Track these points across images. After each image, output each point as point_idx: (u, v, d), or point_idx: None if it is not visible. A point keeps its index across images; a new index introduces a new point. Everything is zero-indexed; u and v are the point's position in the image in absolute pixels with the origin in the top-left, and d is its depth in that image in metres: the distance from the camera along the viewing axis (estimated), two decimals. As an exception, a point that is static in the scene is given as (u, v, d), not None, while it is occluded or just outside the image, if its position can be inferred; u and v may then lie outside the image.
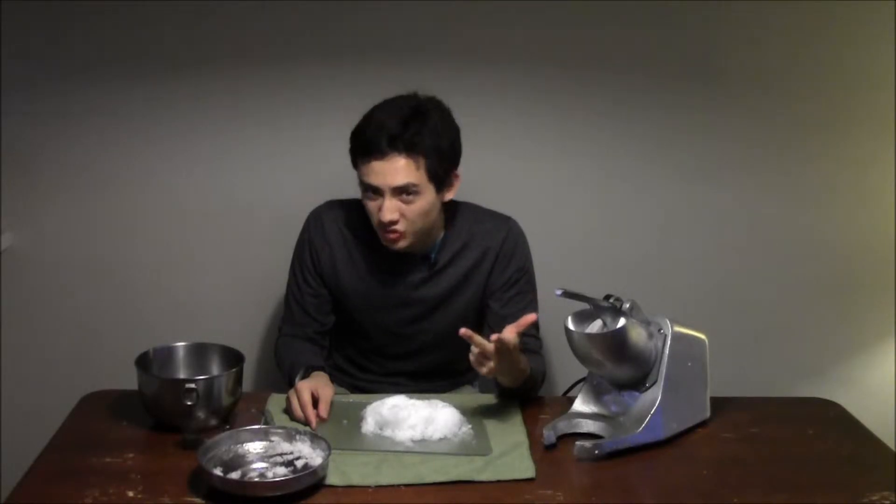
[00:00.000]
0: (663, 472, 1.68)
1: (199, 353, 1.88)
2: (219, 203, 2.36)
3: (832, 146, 2.38)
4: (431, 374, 2.10)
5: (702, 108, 2.35)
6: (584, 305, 1.72)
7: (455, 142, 1.93)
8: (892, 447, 1.80)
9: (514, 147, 2.37)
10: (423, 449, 1.68)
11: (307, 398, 1.76)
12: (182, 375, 1.84)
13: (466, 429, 1.76)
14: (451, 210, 2.01)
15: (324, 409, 1.78)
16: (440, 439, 1.71)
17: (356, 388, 2.10)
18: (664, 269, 2.44)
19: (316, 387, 1.80)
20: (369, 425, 1.75)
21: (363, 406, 1.80)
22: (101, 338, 2.41)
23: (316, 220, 2.04)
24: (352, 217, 2.03)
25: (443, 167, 1.90)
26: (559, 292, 1.65)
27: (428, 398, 1.82)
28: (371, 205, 1.89)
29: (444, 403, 1.79)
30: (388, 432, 1.73)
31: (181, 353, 1.87)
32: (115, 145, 2.33)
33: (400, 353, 2.08)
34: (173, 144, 2.33)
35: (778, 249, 2.44)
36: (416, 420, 1.73)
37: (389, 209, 1.86)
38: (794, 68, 2.33)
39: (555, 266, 2.40)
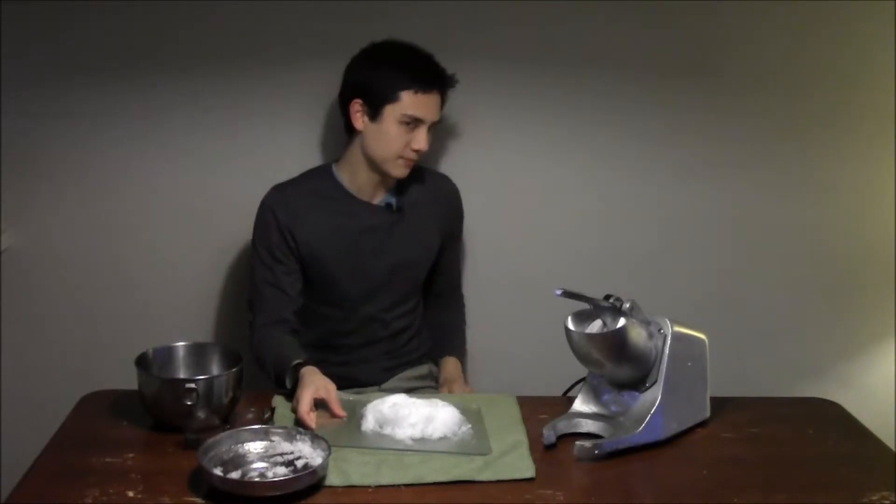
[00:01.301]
0: (663, 472, 1.68)
1: (199, 353, 1.88)
2: (219, 203, 2.36)
3: (832, 146, 2.38)
4: (399, 323, 2.17)
5: (702, 107, 2.35)
6: (584, 305, 1.72)
7: None
8: (892, 447, 1.80)
9: (514, 146, 2.37)
10: (422, 447, 1.69)
11: (306, 408, 1.75)
12: (182, 375, 1.84)
13: (466, 428, 1.76)
14: None
15: (337, 408, 1.78)
16: (440, 438, 1.72)
17: (336, 377, 2.11)
18: (664, 268, 2.44)
19: (316, 390, 1.79)
20: (369, 423, 1.75)
21: (363, 404, 1.81)
22: (101, 338, 2.40)
23: (276, 201, 2.08)
24: (306, 188, 2.11)
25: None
26: (559, 292, 1.65)
27: (428, 397, 1.82)
28: (403, 136, 2.02)
29: (444, 403, 1.79)
30: (388, 430, 1.73)
31: (181, 353, 1.87)
32: (115, 145, 2.32)
33: (373, 309, 2.13)
34: (174, 144, 2.33)
35: (778, 249, 2.44)
36: (417, 419, 1.73)
37: (428, 139, 2.04)
38: (793, 68, 2.33)
39: (555, 266, 2.41)
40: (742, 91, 2.34)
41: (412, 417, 1.73)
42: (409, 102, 2.00)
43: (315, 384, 1.80)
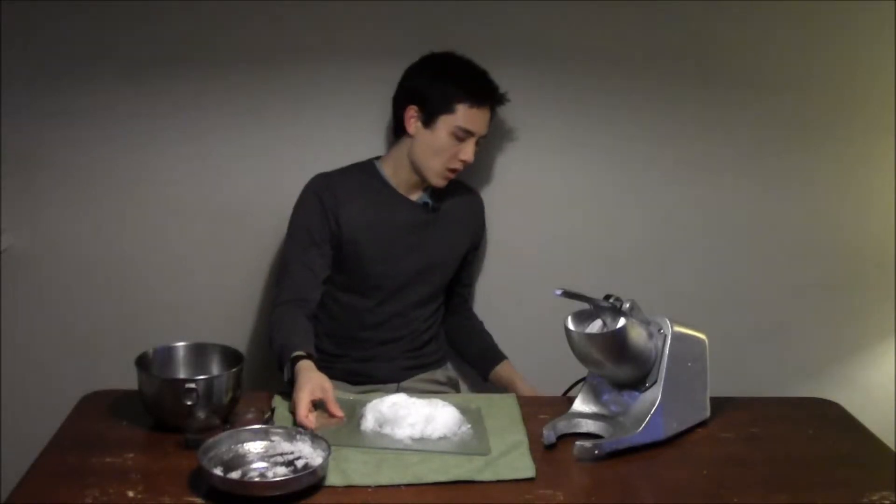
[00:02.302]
0: (663, 472, 1.68)
1: (199, 353, 1.88)
2: (219, 203, 2.36)
3: (832, 146, 2.38)
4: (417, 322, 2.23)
5: (702, 107, 2.35)
6: (584, 305, 1.72)
7: None
8: (892, 447, 1.80)
9: (514, 147, 2.37)
10: (422, 447, 1.69)
11: (304, 411, 1.74)
12: (182, 375, 1.84)
13: (466, 428, 1.76)
14: None
15: (334, 409, 1.77)
16: (439, 438, 1.72)
17: (355, 373, 2.13)
18: (664, 268, 2.44)
19: (312, 391, 1.78)
20: (369, 423, 1.75)
21: (363, 404, 1.81)
22: (101, 338, 2.40)
23: (322, 185, 2.13)
24: (350, 178, 2.16)
25: None
26: (559, 292, 1.65)
27: (428, 398, 1.82)
28: (453, 147, 2.08)
29: (444, 403, 1.79)
30: (387, 430, 1.73)
31: (181, 353, 1.87)
32: (115, 145, 2.33)
33: (400, 305, 2.18)
34: (174, 144, 2.33)
35: (778, 249, 2.44)
36: (416, 418, 1.73)
37: (474, 152, 2.11)
38: (793, 68, 2.33)
39: (555, 266, 2.41)
40: (743, 91, 2.34)
41: (411, 417, 1.73)
42: (464, 115, 2.06)
43: (312, 383, 1.79)
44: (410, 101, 2.10)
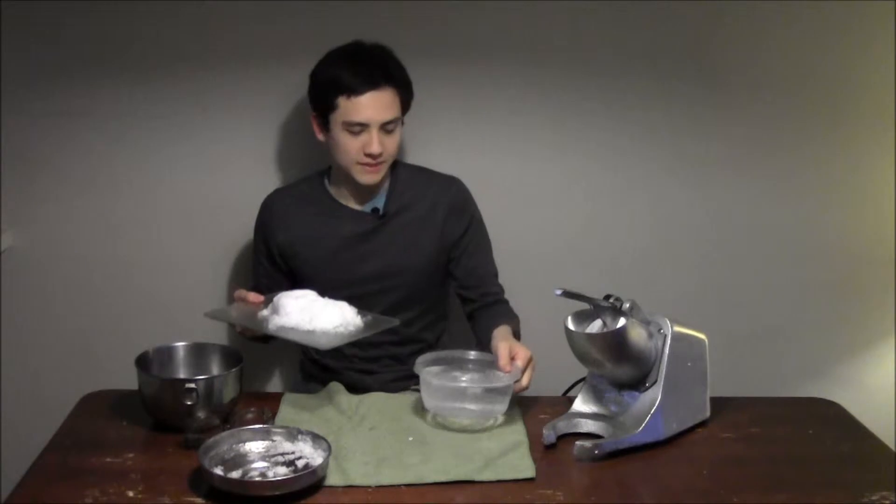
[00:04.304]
0: (663, 472, 1.68)
1: (199, 353, 1.88)
2: (219, 203, 2.36)
3: (832, 146, 2.38)
4: (410, 341, 2.15)
5: (702, 107, 2.35)
6: (584, 305, 1.72)
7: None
8: (892, 447, 1.80)
9: (513, 146, 2.37)
10: (279, 334, 1.79)
11: (240, 294, 1.92)
12: (182, 375, 1.84)
13: (345, 328, 1.81)
14: (393, 163, 2.12)
15: (251, 297, 1.91)
16: (307, 332, 1.79)
17: (348, 386, 2.09)
18: (664, 268, 2.44)
19: (237, 298, 1.93)
20: (266, 310, 1.85)
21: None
22: (101, 338, 2.40)
23: (267, 207, 2.16)
24: (297, 193, 2.15)
25: (408, 102, 2.05)
26: (559, 292, 1.65)
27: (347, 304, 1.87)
28: (353, 142, 1.98)
29: (352, 310, 1.85)
30: (272, 317, 1.82)
31: (181, 353, 1.88)
32: (115, 145, 2.33)
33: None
34: (174, 144, 2.33)
35: (778, 249, 2.44)
36: (293, 311, 1.80)
37: (378, 141, 1.98)
38: (794, 68, 2.33)
39: (554, 266, 2.41)
40: (743, 92, 2.34)
41: (291, 311, 1.80)
42: (346, 109, 1.96)
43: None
44: (311, 108, 2.05)
